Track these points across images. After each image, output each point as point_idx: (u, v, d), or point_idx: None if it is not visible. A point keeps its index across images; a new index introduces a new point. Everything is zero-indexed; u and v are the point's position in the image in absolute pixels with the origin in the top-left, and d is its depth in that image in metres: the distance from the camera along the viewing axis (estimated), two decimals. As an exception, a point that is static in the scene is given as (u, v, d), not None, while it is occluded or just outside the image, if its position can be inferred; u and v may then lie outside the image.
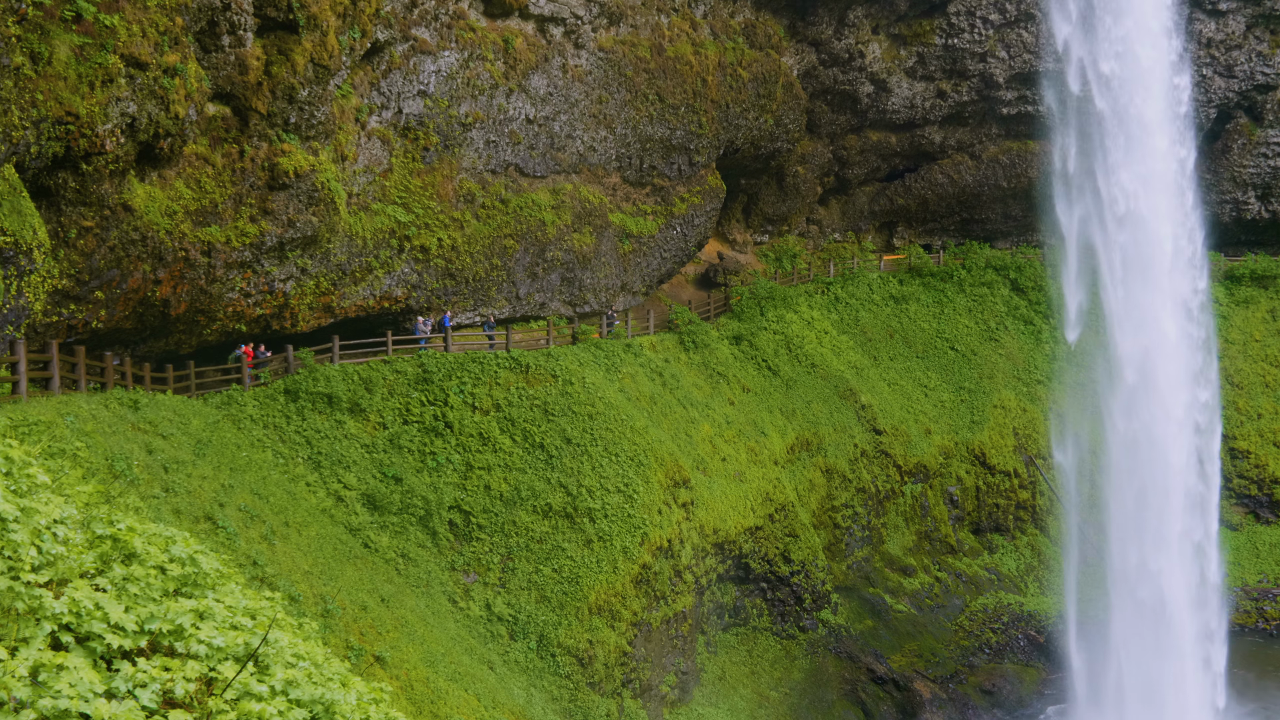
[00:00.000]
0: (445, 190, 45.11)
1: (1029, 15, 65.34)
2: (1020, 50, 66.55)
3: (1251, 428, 69.44)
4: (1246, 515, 67.75)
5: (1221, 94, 70.24)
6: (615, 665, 38.35)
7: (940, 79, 67.80)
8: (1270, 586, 63.78)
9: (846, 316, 66.43)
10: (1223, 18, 67.70)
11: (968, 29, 65.60)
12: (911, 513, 59.94)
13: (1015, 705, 51.31)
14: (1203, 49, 68.28)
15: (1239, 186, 73.82)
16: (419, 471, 38.94)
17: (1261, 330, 73.00)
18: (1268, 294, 74.27)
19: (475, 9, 45.95)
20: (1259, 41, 68.59)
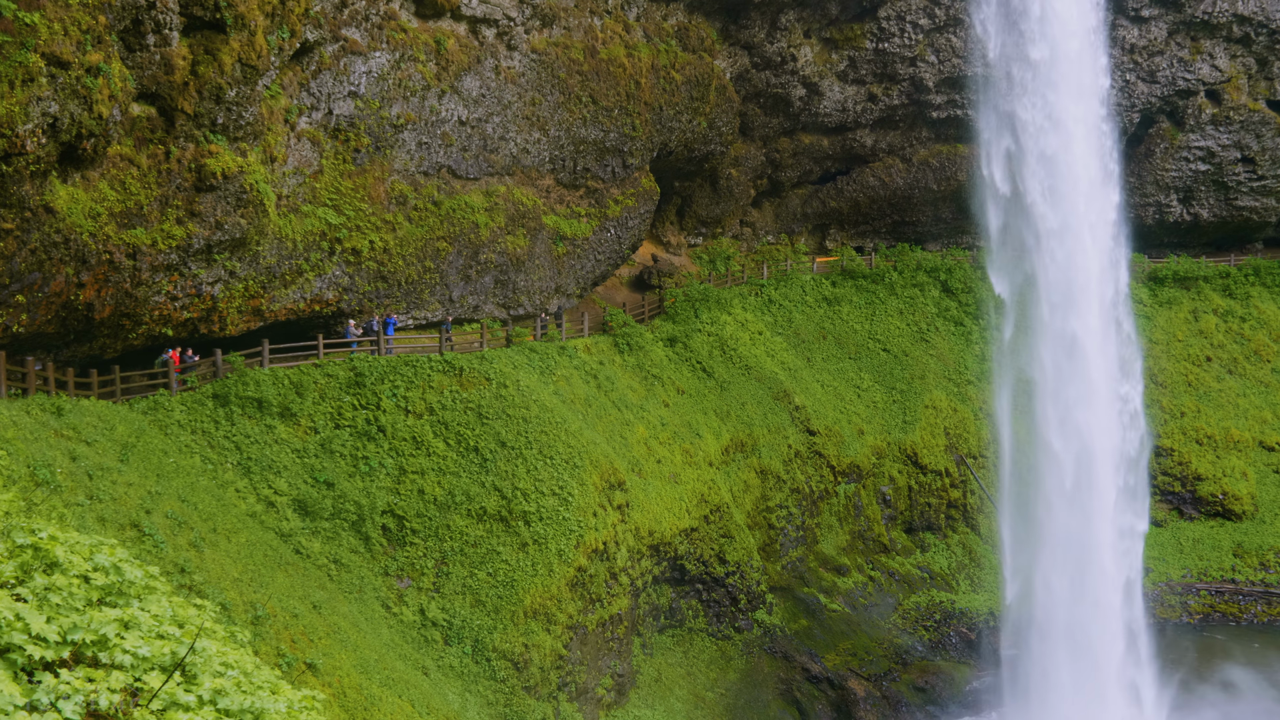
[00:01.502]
0: (377, 192, 44.71)
1: (958, 20, 66.16)
2: (949, 55, 67.37)
3: (1175, 426, 70.86)
4: (1170, 512, 69.12)
5: (1144, 99, 71.59)
6: (551, 669, 38.23)
7: (871, 83, 68.44)
8: (1193, 581, 65.11)
9: (780, 318, 66.82)
10: (1145, 24, 69.02)
11: (898, 34, 66.28)
12: (845, 512, 60.41)
13: (948, 702, 51.85)
14: (1126, 54, 69.57)
15: (1161, 190, 75.30)
16: (351, 476, 38.55)
17: (1184, 330, 74.54)
18: (1189, 295, 75.88)
19: (406, 10, 45.61)
20: (1180, 48, 70.01)
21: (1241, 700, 52.35)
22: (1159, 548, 65.35)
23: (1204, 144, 73.19)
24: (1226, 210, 76.18)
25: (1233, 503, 68.35)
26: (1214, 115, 72.17)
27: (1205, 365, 73.34)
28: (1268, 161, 73.29)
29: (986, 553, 64.69)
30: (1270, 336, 74.55)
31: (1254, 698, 52.52)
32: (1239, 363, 73.66)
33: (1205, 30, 69.40)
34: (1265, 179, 74.10)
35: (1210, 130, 72.71)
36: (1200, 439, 70.60)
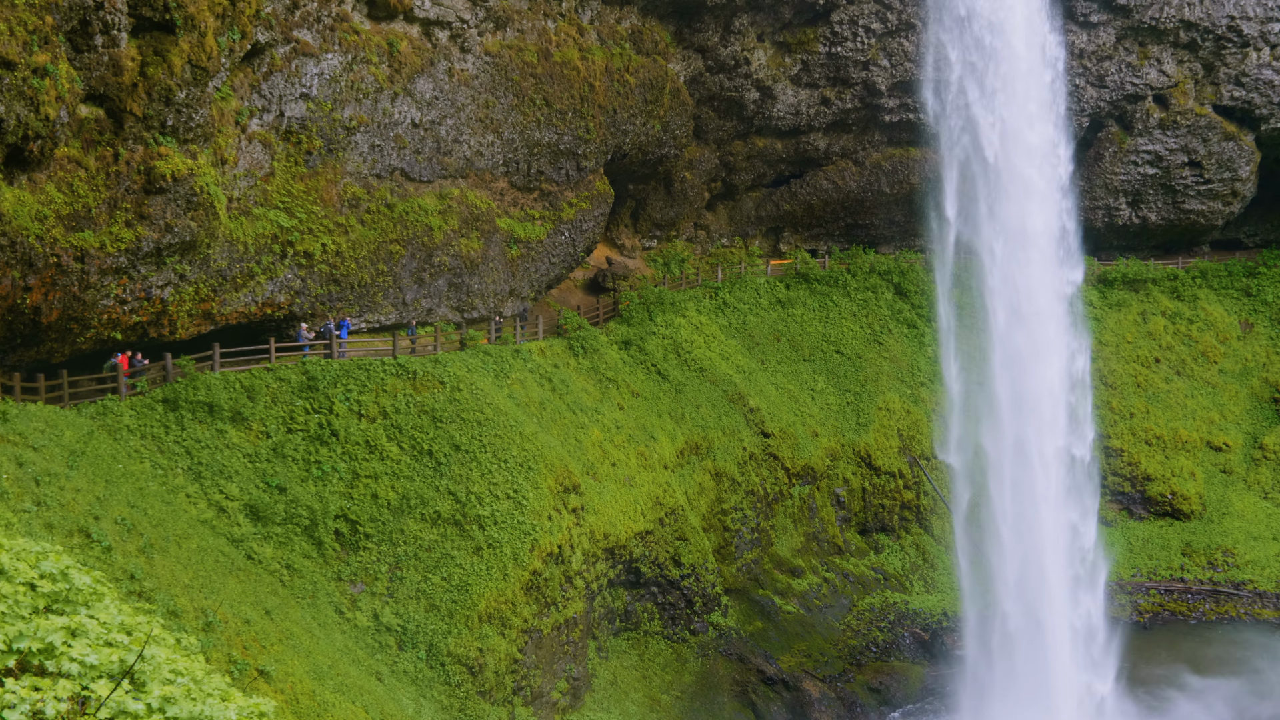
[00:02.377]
0: (329, 195, 44.41)
1: (910, 25, 66.65)
2: (901, 59, 67.86)
3: (1124, 426, 71.76)
4: (1120, 512, 69.99)
5: (1094, 103, 72.45)
6: (506, 673, 38.11)
7: (824, 86, 68.81)
8: (1143, 580, 65.95)
9: (734, 321, 67.03)
10: (1094, 29, 69.86)
11: (850, 37, 66.68)
12: (800, 514, 60.67)
13: (902, 702, 52.19)
14: (1075, 59, 70.37)
15: (1111, 193, 76.24)
16: (304, 481, 38.24)
17: (1133, 332, 75.51)
18: (1138, 297, 76.89)
19: (359, 11, 45.34)
20: (1128, 53, 70.93)
21: (1191, 699, 53.07)
22: (1109, 548, 66.10)
23: (1152, 148, 74.18)
24: (1174, 213, 77.25)
25: (1181, 502, 69.30)
26: (1161, 120, 73.18)
27: (1154, 367, 74.32)
28: (1214, 165, 74.41)
29: (940, 553, 65.21)
30: (1217, 338, 75.68)
31: (1203, 696, 53.25)
32: (1187, 364, 74.72)
33: (1152, 35, 70.36)
34: (1211, 183, 75.21)
35: (1158, 134, 73.70)
36: (1149, 440, 71.53)
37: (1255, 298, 77.07)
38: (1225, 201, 76.58)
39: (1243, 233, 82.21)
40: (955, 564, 57.69)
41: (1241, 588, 64.63)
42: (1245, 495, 69.98)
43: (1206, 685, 54.11)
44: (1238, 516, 68.75)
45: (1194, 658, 57.23)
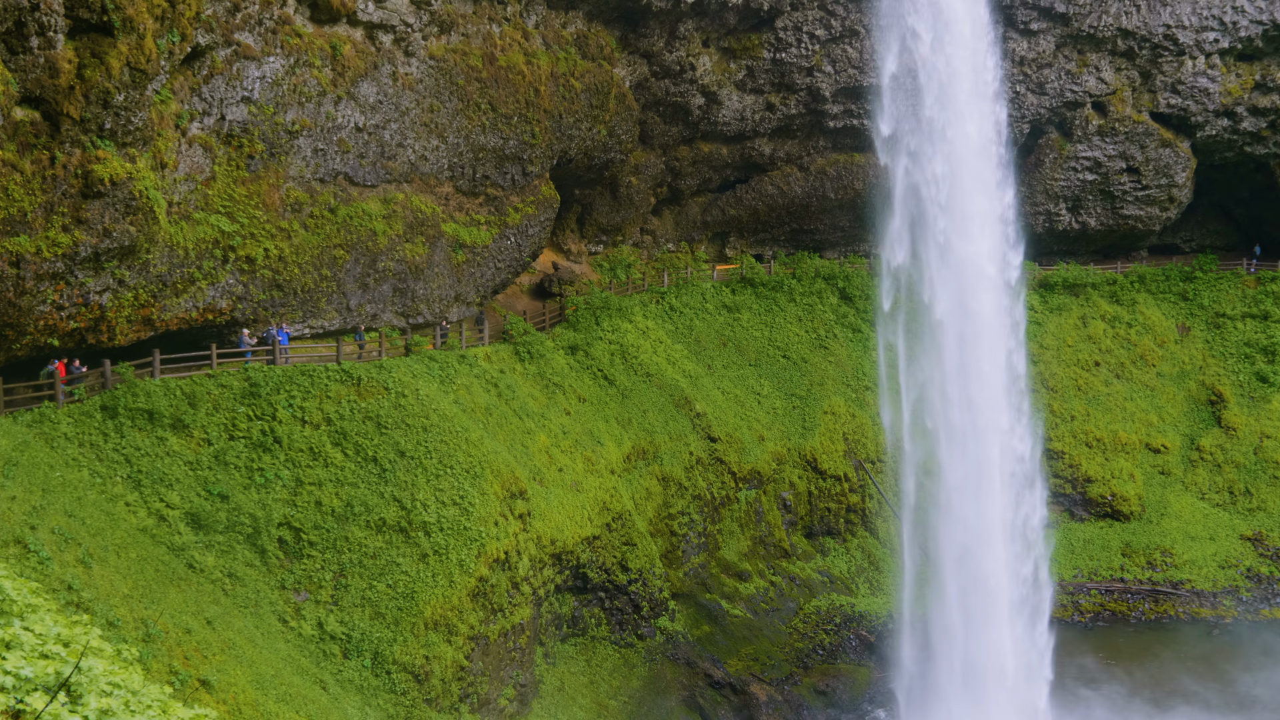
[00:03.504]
0: (272, 199, 43.95)
1: (853, 31, 67.13)
2: (845, 65, 68.31)
3: (1066, 429, 72.68)
4: (1062, 513, 70.86)
5: (1034, 110, 73.36)
6: (452, 680, 37.86)
7: (769, 92, 69.12)
8: (1084, 581, 66.79)
9: (681, 326, 67.13)
10: (1034, 37, 70.72)
11: (795, 44, 67.04)
12: (746, 518, 60.83)
13: (848, 704, 52.48)
14: (1016, 67, 71.22)
15: (1051, 199, 77.21)
16: (246, 488, 37.79)
17: (1073, 336, 76.51)
18: (1079, 301, 77.93)
19: (301, 14, 44.93)
20: (1068, 60, 71.88)
21: (1131, 697, 53.81)
22: (1051, 548, 66.88)
23: (1091, 154, 75.21)
24: (1113, 219, 78.38)
25: (1121, 504, 70.29)
26: (1100, 126, 74.23)
27: (1094, 370, 75.33)
28: (1151, 171, 75.59)
29: (885, 556, 65.66)
30: (1155, 341, 76.86)
31: (1142, 694, 54.01)
32: (1126, 367, 75.81)
33: (1091, 44, 71.36)
34: (1149, 188, 76.39)
35: (1097, 141, 74.76)
36: (1090, 442, 72.49)
37: (1191, 302, 78.38)
38: (1162, 207, 77.82)
39: (1179, 238, 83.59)
40: (900, 566, 58.10)
41: (1180, 587, 65.65)
42: (1183, 496, 71.11)
43: (1145, 684, 54.88)
44: (1176, 517, 69.84)
45: (1134, 657, 58.00)
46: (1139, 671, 56.51)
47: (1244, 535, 68.57)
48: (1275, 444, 71.48)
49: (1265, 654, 58.40)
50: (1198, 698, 53.91)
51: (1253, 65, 72.54)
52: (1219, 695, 54.13)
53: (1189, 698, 53.87)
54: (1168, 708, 52.91)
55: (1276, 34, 70.54)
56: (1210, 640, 60.80)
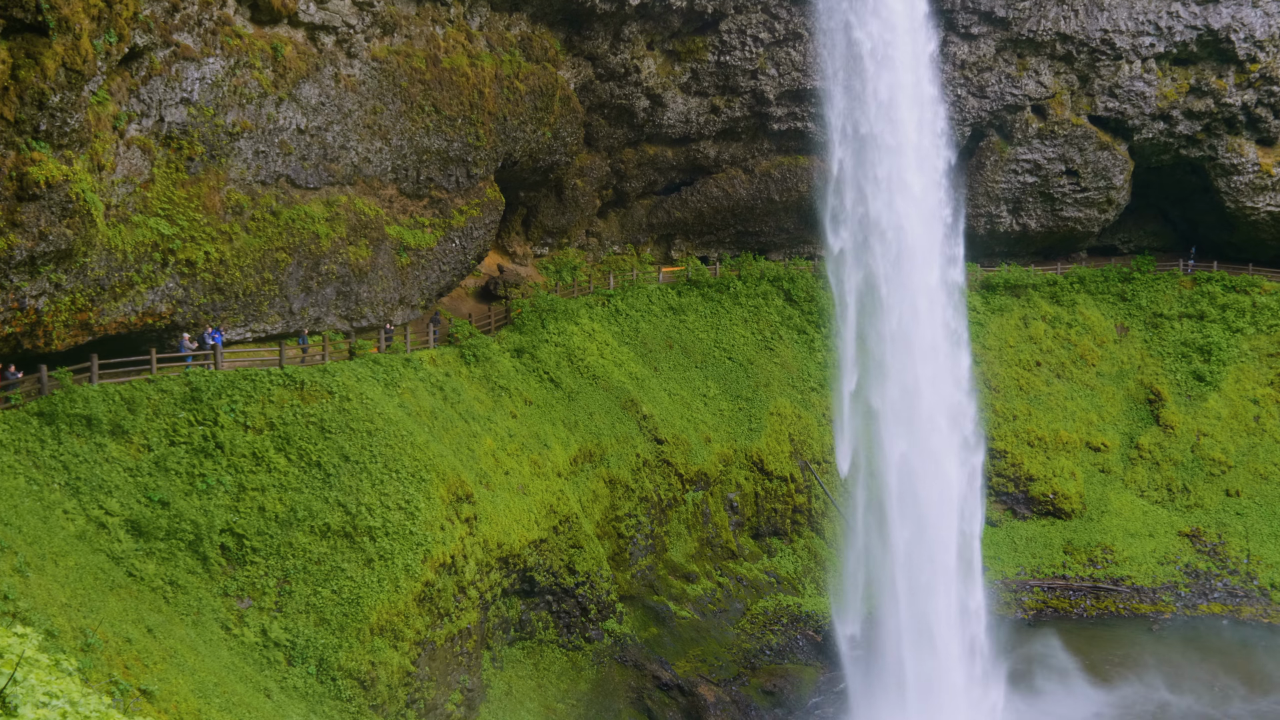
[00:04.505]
0: (212, 202, 43.44)
1: (797, 35, 67.49)
2: (789, 68, 68.67)
3: (1008, 429, 73.52)
4: (1005, 512, 71.67)
5: (975, 113, 74.14)
6: (399, 686, 37.61)
7: (714, 95, 69.32)
8: (1027, 578, 67.59)
9: (627, 328, 67.14)
10: (974, 41, 71.49)
11: (739, 47, 67.29)
12: (693, 520, 60.94)
13: (796, 704, 52.73)
14: (957, 70, 71.95)
15: (993, 201, 78.06)
16: (188, 494, 37.32)
17: (1015, 336, 77.42)
18: (1020, 302, 78.86)
19: (241, 15, 44.46)
20: (1008, 64, 72.73)
21: (1073, 694, 54.52)
22: (994, 546, 67.68)
23: (1031, 157, 76.14)
24: (1053, 220, 79.39)
25: (1063, 502, 71.21)
26: (1040, 129, 75.16)
27: (1035, 370, 76.25)
28: (1090, 174, 76.65)
29: (831, 556, 66.04)
30: (1094, 341, 77.95)
31: (1084, 690, 54.74)
32: (1066, 367, 76.81)
33: (1030, 48, 72.25)
34: (1088, 190, 77.46)
35: (1037, 144, 75.69)
36: (1032, 441, 73.39)
37: (1130, 302, 79.56)
38: (1101, 209, 78.93)
39: (1118, 239, 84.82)
40: (846, 566, 58.47)
41: (1120, 583, 66.61)
42: (1123, 494, 72.16)
43: (1087, 680, 55.62)
44: (1116, 514, 70.86)
45: (1076, 653, 58.78)
46: (1080, 666, 57.24)
47: (1182, 532, 69.70)
48: (1212, 442, 72.73)
49: (1200, 649, 59.45)
50: (1136, 690, 54.71)
51: (1188, 70, 73.80)
52: (1157, 688, 54.97)
53: (1128, 689, 54.66)
54: (1109, 699, 53.66)
55: (1210, 39, 71.81)
56: (1149, 635, 61.73)
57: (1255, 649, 59.85)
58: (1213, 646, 60.02)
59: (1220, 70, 73.37)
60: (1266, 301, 76.62)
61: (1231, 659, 58.55)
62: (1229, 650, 59.73)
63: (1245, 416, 73.40)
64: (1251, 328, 76.16)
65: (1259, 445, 72.15)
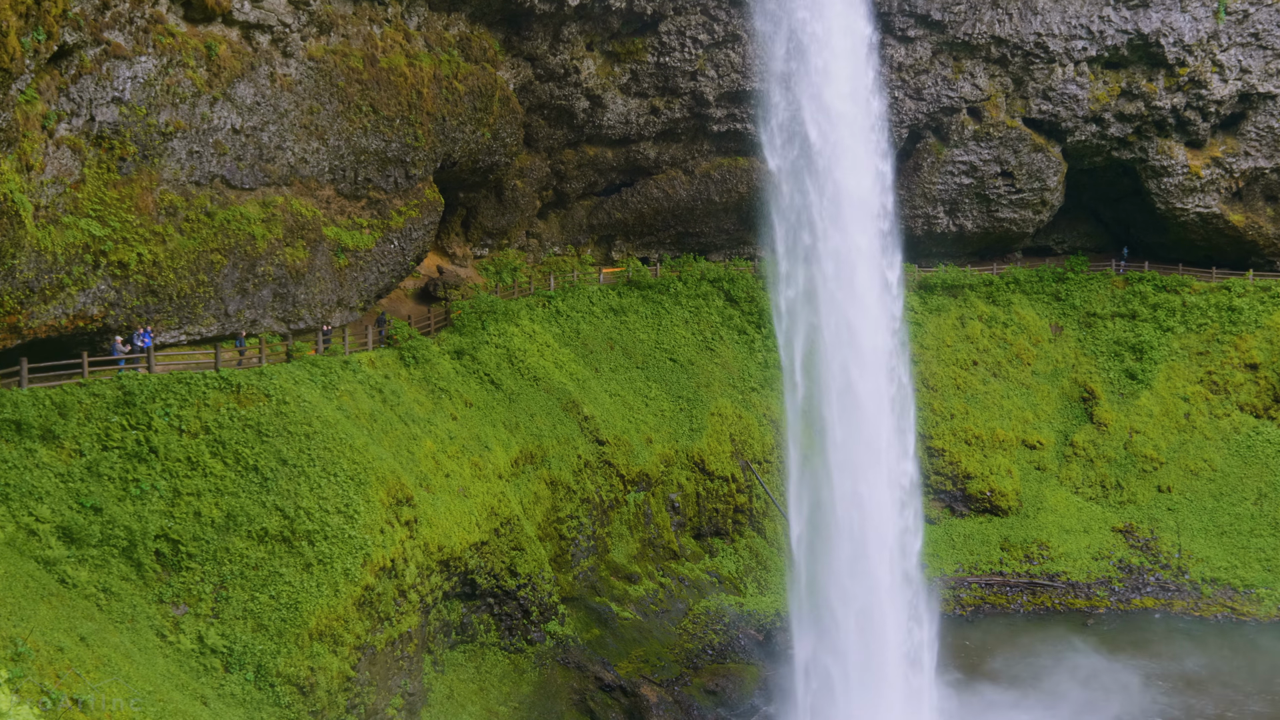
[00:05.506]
0: (145, 203, 42.77)
1: (736, 37, 67.75)
2: (729, 70, 68.92)
3: (946, 427, 74.29)
4: (943, 510, 72.42)
5: (912, 115, 74.84)
6: (339, 691, 37.26)
7: (654, 96, 69.40)
8: (965, 575, 68.34)
9: (568, 329, 67.02)
10: (911, 44, 72.16)
11: (678, 48, 67.42)
12: (635, 521, 60.95)
13: (738, 703, 52.88)
14: (894, 72, 72.58)
15: (929, 202, 78.83)
16: (121, 500, 36.72)
17: (952, 336, 78.25)
18: (957, 302, 79.73)
19: (174, 13, 43.82)
20: (944, 67, 73.49)
21: (1010, 688, 55.15)
22: (933, 544, 68.34)
23: (967, 159, 77.00)
24: (989, 221, 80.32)
25: (999, 499, 72.09)
26: (976, 131, 76.03)
27: (972, 369, 77.13)
28: (1024, 175, 77.64)
29: (772, 555, 66.35)
30: (1030, 341, 79.00)
31: (1021, 684, 55.39)
32: (1002, 366, 77.77)
33: (966, 51, 73.07)
34: (1022, 192, 78.46)
35: (972, 145, 76.56)
36: (969, 439, 74.21)
37: (1064, 302, 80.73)
38: (1036, 210, 79.98)
39: (1052, 240, 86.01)
40: (787, 565, 58.68)
41: (1056, 579, 67.55)
42: (1058, 491, 73.19)
43: (1024, 674, 56.30)
44: (1051, 511, 71.87)
45: (1013, 648, 59.50)
46: (1017, 661, 57.94)
47: (1115, 528, 70.84)
48: (1144, 439, 73.97)
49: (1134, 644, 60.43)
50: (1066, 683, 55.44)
51: (1119, 73, 74.99)
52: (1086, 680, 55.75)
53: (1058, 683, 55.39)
54: (1044, 693, 54.32)
55: (1141, 43, 73.02)
56: (1085, 630, 62.62)
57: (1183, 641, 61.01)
58: (1143, 640, 60.94)
59: (1150, 74, 74.64)
60: (1196, 301, 78.08)
61: (1160, 651, 59.53)
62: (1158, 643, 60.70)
63: (1176, 414, 74.73)
64: (1182, 326, 77.56)
65: (1189, 442, 73.48)
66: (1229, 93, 74.71)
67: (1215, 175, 77.55)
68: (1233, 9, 72.82)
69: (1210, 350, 76.15)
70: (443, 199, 60.85)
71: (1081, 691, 54.59)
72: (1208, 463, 72.45)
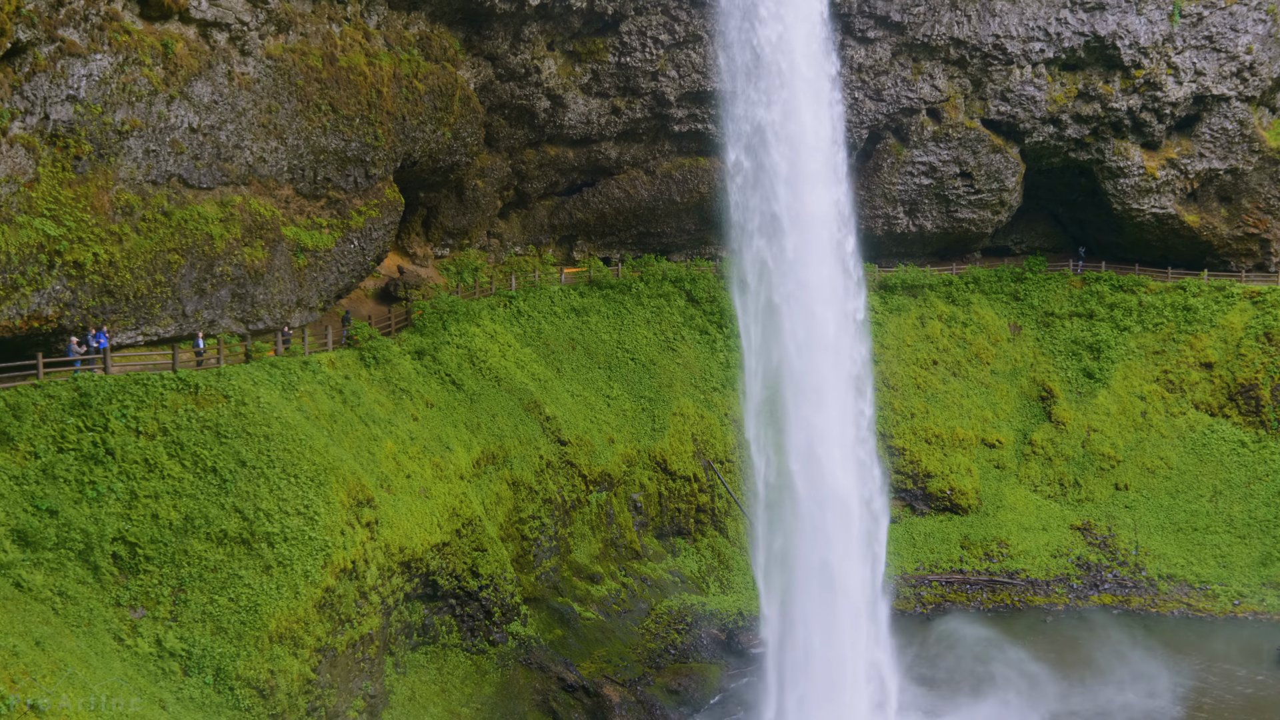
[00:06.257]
0: (101, 202, 42.31)
1: (697, 37, 67.85)
2: (690, 70, 69.02)
3: (906, 426, 74.72)
4: (904, 508, 72.83)
5: (872, 116, 75.22)
6: (299, 694, 37.00)
7: (615, 96, 69.38)
8: (926, 573, 68.77)
9: (529, 329, 66.87)
10: (871, 45, 72.53)
11: (639, 48, 67.44)
12: (597, 521, 60.91)
13: (701, 702, 52.95)
14: (854, 74, 72.92)
15: (890, 202, 79.26)
16: (77, 503, 36.31)
17: (912, 336, 78.71)
18: (917, 302, 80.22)
19: (130, 11, 43.39)
20: (903, 68, 73.94)
21: (973, 685, 55.45)
22: (894, 543, 68.55)
23: (926, 159, 77.48)
24: (948, 222, 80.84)
25: (959, 497, 72.60)
26: (935, 132, 76.52)
27: (932, 368, 77.62)
28: (983, 176, 78.21)
29: (735, 555, 66.48)
30: (989, 340, 79.60)
31: (980, 683, 55.70)
32: (962, 365, 78.32)
33: (925, 52, 73.53)
34: (981, 192, 79.03)
35: (932, 146, 77.04)
36: (929, 438, 74.67)
37: (1023, 302, 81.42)
38: (994, 210, 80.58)
39: (1010, 240, 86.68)
40: (750, 564, 58.77)
41: (1015, 577, 68.10)
42: (1017, 489, 73.81)
43: (984, 672, 56.61)
44: (1010, 509, 72.45)
45: (974, 646, 59.80)
46: (978, 659, 58.22)
47: (1074, 525, 71.52)
48: (1101, 437, 74.72)
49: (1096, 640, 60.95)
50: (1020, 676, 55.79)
51: (1076, 75, 75.70)
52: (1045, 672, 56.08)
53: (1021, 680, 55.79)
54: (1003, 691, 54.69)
55: (1097, 45, 73.77)
56: (1043, 626, 63.13)
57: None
58: (1101, 636, 61.41)
59: (1107, 76, 75.41)
60: (1152, 300, 78.95)
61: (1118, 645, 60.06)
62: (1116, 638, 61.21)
63: (1133, 412, 75.53)
64: (1138, 326, 78.41)
65: (1146, 440, 74.29)
66: (1184, 95, 75.60)
67: (1170, 176, 78.45)
68: (1187, 12, 73.74)
69: (1166, 349, 77.03)
70: (403, 199, 60.57)
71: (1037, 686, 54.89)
72: (1164, 461, 73.27)
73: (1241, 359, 74.67)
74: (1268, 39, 74.99)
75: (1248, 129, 77.11)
